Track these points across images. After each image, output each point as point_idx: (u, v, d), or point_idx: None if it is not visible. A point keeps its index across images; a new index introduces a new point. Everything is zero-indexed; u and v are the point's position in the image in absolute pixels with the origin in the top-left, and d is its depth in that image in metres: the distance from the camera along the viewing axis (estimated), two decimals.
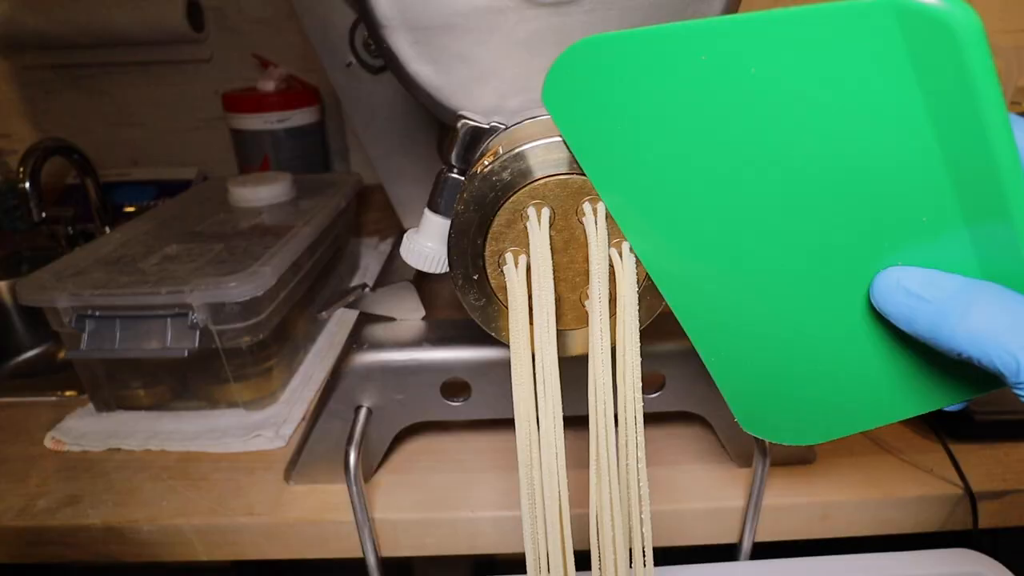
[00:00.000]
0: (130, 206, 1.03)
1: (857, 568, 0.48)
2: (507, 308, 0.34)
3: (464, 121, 0.39)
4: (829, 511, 0.51)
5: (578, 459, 0.37)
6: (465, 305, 0.35)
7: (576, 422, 0.37)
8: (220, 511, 0.50)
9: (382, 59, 0.58)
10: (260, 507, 0.50)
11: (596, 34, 0.28)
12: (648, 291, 0.34)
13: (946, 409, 0.30)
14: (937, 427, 0.56)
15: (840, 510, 0.51)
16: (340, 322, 0.77)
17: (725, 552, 0.53)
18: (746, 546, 0.51)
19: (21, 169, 0.83)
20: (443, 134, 0.57)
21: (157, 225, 0.71)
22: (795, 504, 0.51)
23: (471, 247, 0.33)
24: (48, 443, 0.58)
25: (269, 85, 0.96)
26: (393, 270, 0.62)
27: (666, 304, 0.33)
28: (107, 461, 0.56)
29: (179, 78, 1.08)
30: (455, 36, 0.39)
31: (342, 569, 0.56)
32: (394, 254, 0.67)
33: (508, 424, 0.58)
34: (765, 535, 0.52)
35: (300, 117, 0.98)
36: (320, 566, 0.55)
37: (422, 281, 0.60)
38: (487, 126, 0.39)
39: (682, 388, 0.51)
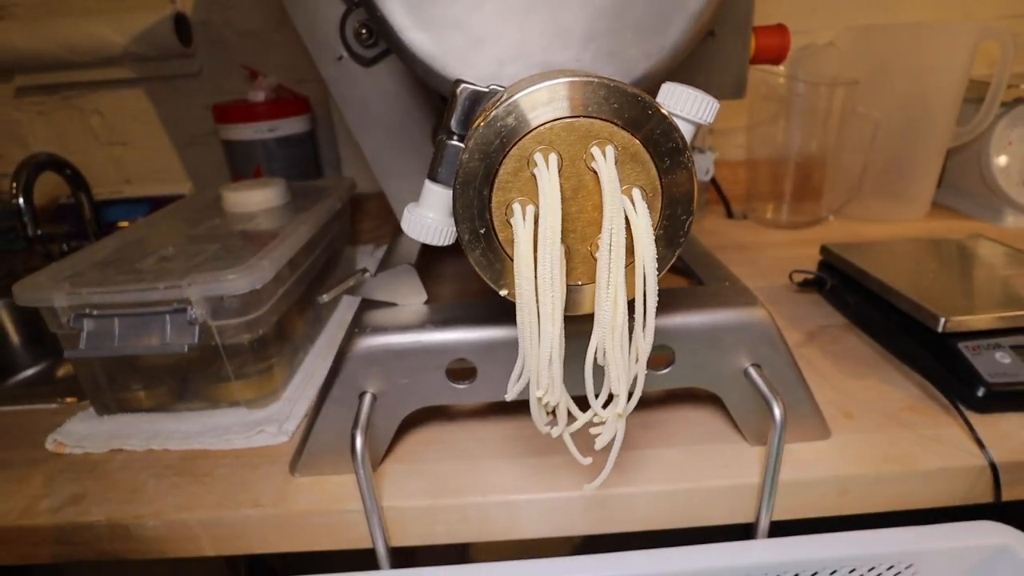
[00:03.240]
0: (124, 222, 1.03)
1: (878, 543, 0.46)
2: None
3: (464, 85, 0.38)
4: (847, 486, 0.50)
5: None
6: (472, 262, 0.34)
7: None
8: (226, 505, 0.49)
9: (376, 31, 0.57)
10: (266, 500, 0.49)
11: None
12: (660, 240, 0.33)
13: None
14: (954, 398, 0.55)
15: (858, 485, 0.50)
16: (340, 323, 0.76)
17: (742, 533, 0.52)
18: (763, 525, 0.50)
19: (14, 184, 0.83)
20: (438, 126, 0.56)
21: (151, 231, 0.71)
22: (812, 479, 0.50)
23: (477, 198, 0.33)
24: (50, 446, 0.56)
25: (259, 95, 0.96)
26: (393, 261, 0.61)
27: (676, 258, 0.33)
28: (109, 462, 0.54)
29: (169, 94, 1.07)
30: (450, 1, 0.39)
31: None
32: (393, 246, 0.66)
33: (515, 409, 0.58)
34: (782, 513, 0.51)
35: (290, 126, 0.97)
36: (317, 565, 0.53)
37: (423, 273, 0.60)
38: (486, 89, 0.38)
39: (692, 364, 0.50)
